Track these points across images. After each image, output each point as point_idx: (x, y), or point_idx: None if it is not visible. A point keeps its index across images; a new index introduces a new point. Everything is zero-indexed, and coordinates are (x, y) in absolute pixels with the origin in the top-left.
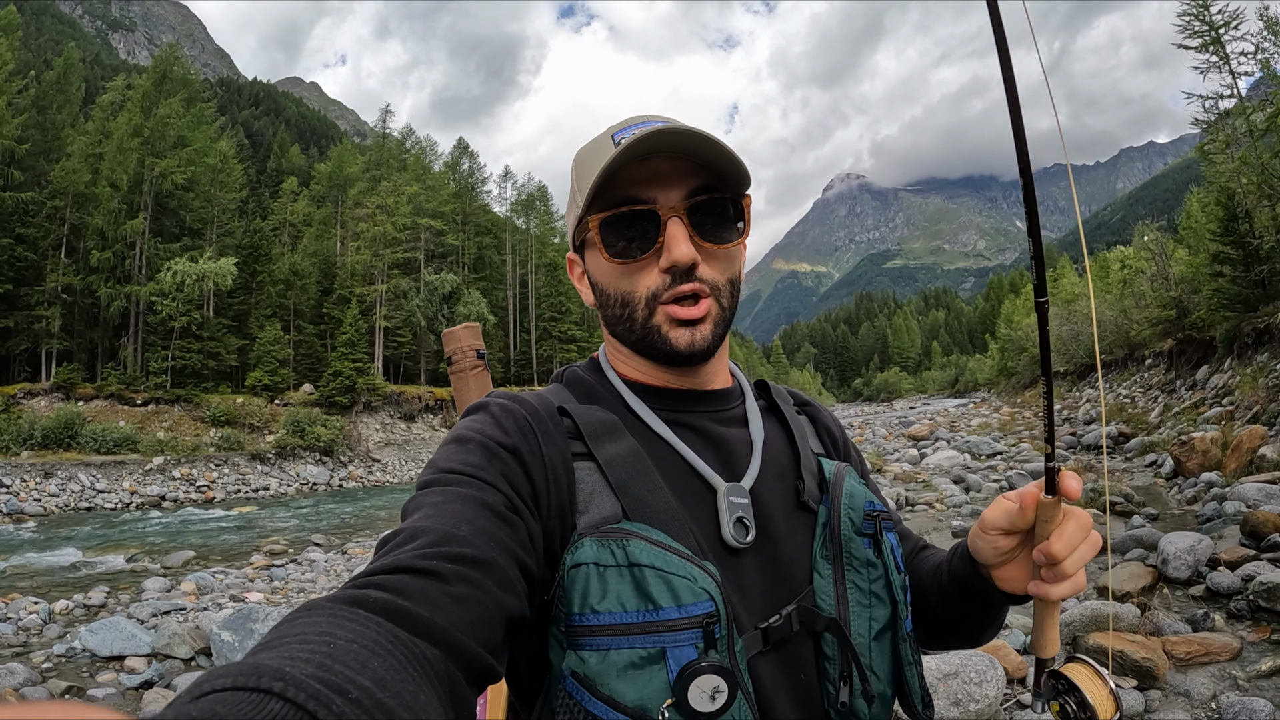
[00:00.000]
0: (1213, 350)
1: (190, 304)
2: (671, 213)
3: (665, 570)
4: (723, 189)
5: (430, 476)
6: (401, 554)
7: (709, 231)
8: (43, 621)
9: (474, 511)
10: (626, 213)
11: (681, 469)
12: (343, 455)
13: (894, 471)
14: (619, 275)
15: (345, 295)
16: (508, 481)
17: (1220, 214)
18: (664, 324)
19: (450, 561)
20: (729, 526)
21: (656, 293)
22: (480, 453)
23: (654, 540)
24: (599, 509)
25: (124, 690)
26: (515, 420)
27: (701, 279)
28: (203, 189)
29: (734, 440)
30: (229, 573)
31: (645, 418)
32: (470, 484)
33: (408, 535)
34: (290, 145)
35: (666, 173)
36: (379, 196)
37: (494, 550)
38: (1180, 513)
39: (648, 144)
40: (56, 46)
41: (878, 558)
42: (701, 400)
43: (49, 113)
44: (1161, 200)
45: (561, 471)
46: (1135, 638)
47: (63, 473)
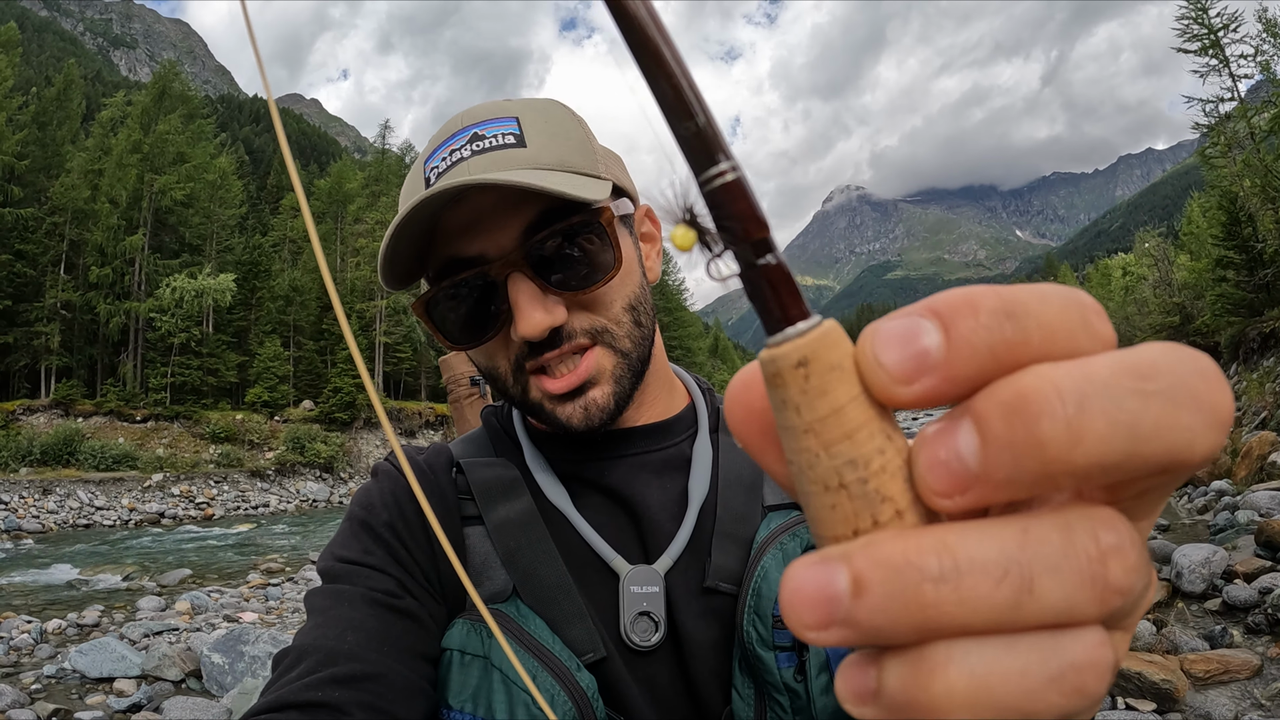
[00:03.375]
0: (1218, 356)
1: (189, 320)
2: (509, 267)
3: (516, 684)
4: (569, 212)
5: (325, 565)
6: (286, 687)
7: (566, 277)
8: (34, 641)
9: (361, 613)
10: (449, 287)
11: (580, 543)
12: (343, 472)
13: None
14: (472, 353)
15: (345, 311)
16: (398, 564)
17: (1223, 218)
18: (544, 401)
19: (339, 686)
20: (626, 623)
21: (520, 360)
22: (365, 535)
23: (525, 635)
24: (492, 582)
25: (111, 714)
26: (397, 491)
27: (573, 334)
28: (202, 205)
29: (655, 501)
30: (224, 592)
31: (539, 478)
32: (358, 576)
33: (294, 657)
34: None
35: (489, 209)
36: (379, 212)
37: (388, 656)
38: (1191, 523)
39: (452, 189)
40: (57, 63)
41: (799, 681)
42: (622, 442)
43: (49, 129)
44: (1161, 207)
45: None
46: (1152, 657)
47: (61, 489)
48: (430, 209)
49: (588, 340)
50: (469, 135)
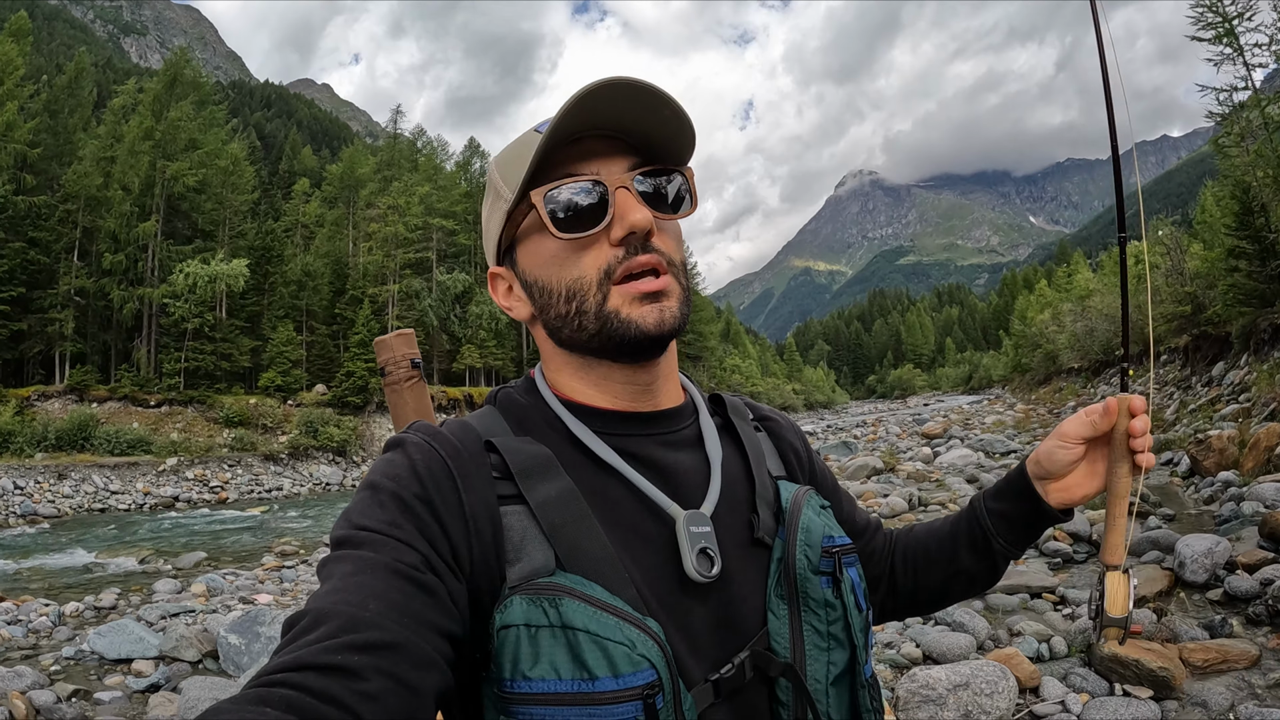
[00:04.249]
0: (1229, 346)
1: (203, 306)
2: (618, 182)
3: (601, 635)
4: (666, 160)
5: (343, 533)
6: (304, 649)
7: (659, 203)
8: (53, 624)
9: (384, 583)
10: (572, 184)
11: (630, 502)
12: (355, 455)
13: (907, 470)
14: (564, 259)
15: (357, 296)
16: (424, 538)
17: (1235, 208)
18: (623, 306)
19: (358, 652)
20: (691, 560)
21: (609, 269)
22: (395, 506)
23: (589, 598)
24: (530, 559)
25: (130, 694)
26: (430, 464)
27: (660, 250)
28: (214, 191)
29: (686, 466)
30: (240, 574)
31: (590, 444)
32: (381, 545)
33: (311, 620)
34: (302, 147)
35: (603, 150)
36: (390, 197)
37: (407, 628)
38: (1197, 513)
39: (577, 121)
40: (68, 51)
41: (836, 598)
42: (650, 423)
43: (61, 117)
44: (1175, 194)
45: (485, 521)
46: (1151, 645)
47: (76, 474)
48: (576, 122)
49: (665, 263)
50: None
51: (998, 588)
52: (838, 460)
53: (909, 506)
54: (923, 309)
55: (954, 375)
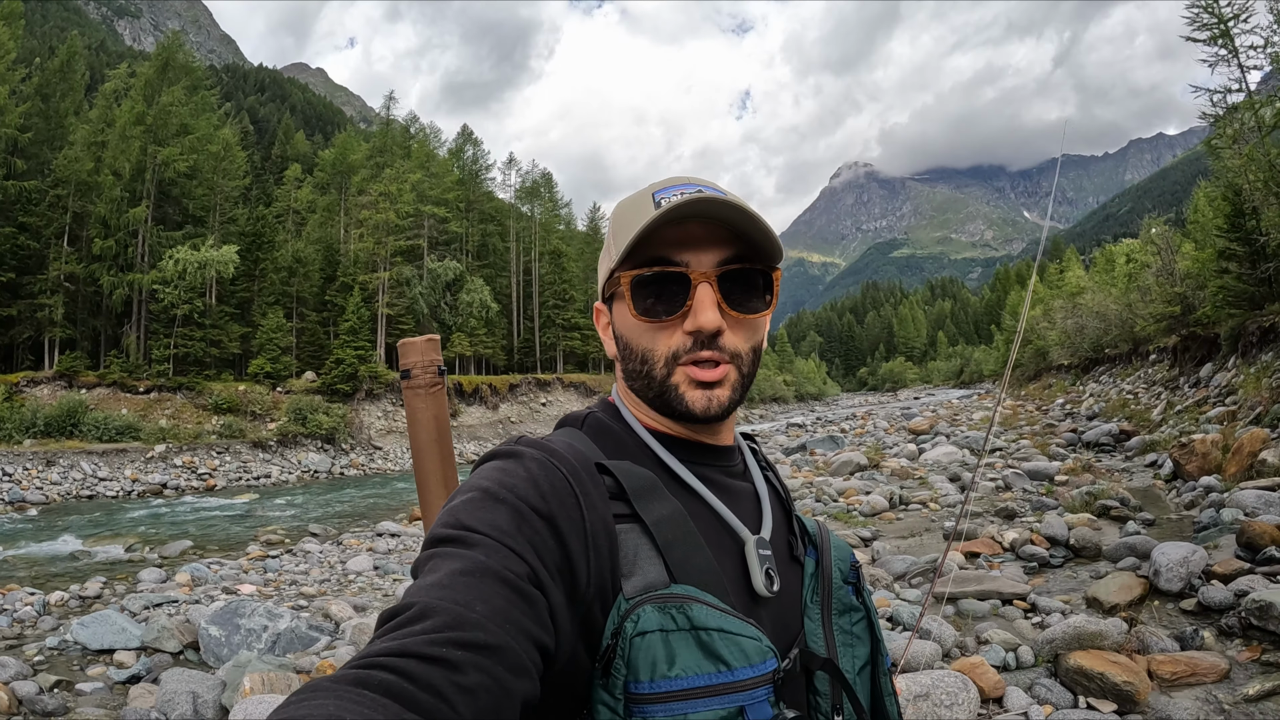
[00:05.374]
0: (1217, 348)
1: (193, 292)
2: (702, 278)
3: (734, 633)
4: (754, 259)
5: (450, 532)
6: (409, 638)
7: (737, 300)
8: (38, 613)
9: (490, 587)
10: (658, 273)
11: (709, 522)
12: (344, 443)
13: (891, 467)
14: (643, 332)
15: (348, 283)
16: (535, 551)
17: (1227, 209)
18: (682, 383)
19: (460, 648)
20: (760, 577)
21: (677, 353)
22: (509, 515)
23: (713, 604)
24: (644, 573)
25: (111, 685)
26: (554, 482)
27: (723, 347)
28: (205, 177)
29: (744, 494)
30: (224, 564)
31: (677, 470)
32: (491, 550)
33: (417, 613)
34: (295, 132)
35: (701, 237)
36: (382, 184)
37: (508, 633)
38: (1178, 518)
39: (688, 209)
40: (61, 34)
41: (860, 603)
42: (718, 455)
43: (52, 101)
44: (1170, 192)
45: (603, 537)
46: (1118, 658)
47: (65, 461)
48: (686, 210)
49: (727, 357)
50: (696, 188)
51: (969, 593)
52: (823, 454)
53: (889, 505)
54: (915, 302)
55: (945, 369)
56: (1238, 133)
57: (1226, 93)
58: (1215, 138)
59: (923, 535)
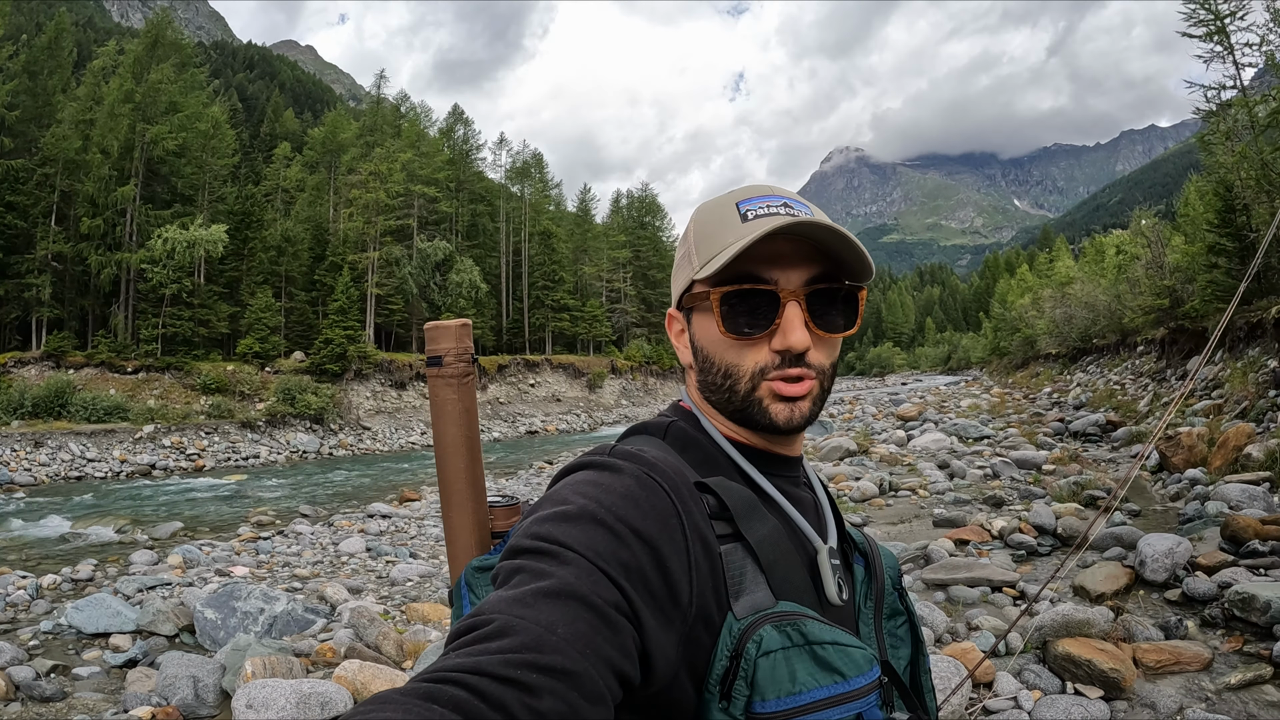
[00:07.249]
0: (1204, 341)
1: (181, 271)
2: (791, 296)
3: (845, 645)
4: (840, 278)
5: (539, 544)
6: (485, 655)
7: (824, 319)
8: (30, 597)
9: (575, 611)
10: (748, 290)
11: (788, 530)
12: (333, 423)
13: (880, 454)
14: (728, 347)
15: (337, 262)
16: (627, 576)
17: (1218, 205)
18: (766, 397)
19: (537, 671)
20: (832, 586)
21: (764, 369)
22: (605, 536)
23: (820, 619)
24: (753, 593)
25: (108, 669)
26: (655, 501)
27: (809, 364)
28: (194, 155)
29: (809, 503)
30: (216, 545)
31: (763, 485)
32: (583, 572)
33: (495, 630)
34: (285, 110)
35: (789, 254)
36: (372, 163)
37: (588, 659)
38: (1163, 510)
39: (786, 229)
40: (49, 10)
41: (904, 608)
42: (786, 465)
43: (40, 78)
44: (1161, 184)
45: (705, 559)
46: (1104, 645)
47: (53, 442)
48: (781, 230)
49: (813, 374)
50: (781, 200)
51: (959, 580)
52: (812, 439)
53: (879, 491)
54: (904, 288)
55: (933, 355)
56: (1231, 129)
57: (1221, 89)
58: (1208, 133)
59: (912, 522)
